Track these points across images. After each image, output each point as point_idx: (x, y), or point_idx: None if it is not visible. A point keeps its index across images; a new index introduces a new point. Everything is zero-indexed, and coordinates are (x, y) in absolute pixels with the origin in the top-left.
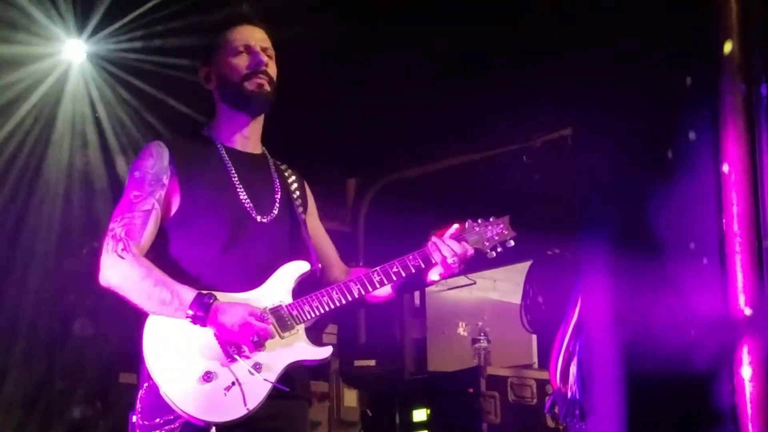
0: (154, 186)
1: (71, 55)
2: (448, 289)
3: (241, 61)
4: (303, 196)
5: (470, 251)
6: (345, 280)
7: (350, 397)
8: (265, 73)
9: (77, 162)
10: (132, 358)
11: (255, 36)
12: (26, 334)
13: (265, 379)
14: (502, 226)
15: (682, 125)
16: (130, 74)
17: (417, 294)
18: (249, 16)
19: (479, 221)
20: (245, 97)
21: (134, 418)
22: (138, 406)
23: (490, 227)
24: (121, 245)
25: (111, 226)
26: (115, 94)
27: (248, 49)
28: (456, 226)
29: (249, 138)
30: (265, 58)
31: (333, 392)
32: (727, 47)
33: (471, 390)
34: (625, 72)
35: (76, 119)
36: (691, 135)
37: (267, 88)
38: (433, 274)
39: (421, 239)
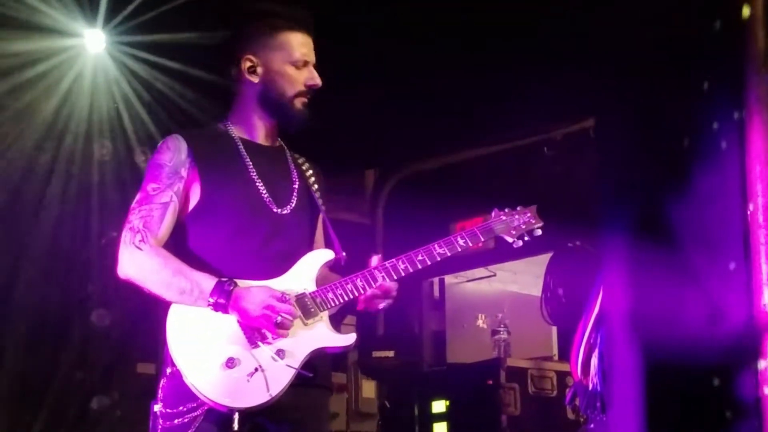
0: (172, 179)
1: (91, 45)
2: (468, 281)
3: (301, 76)
4: (322, 188)
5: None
6: (369, 267)
7: (368, 389)
8: (311, 94)
9: (97, 152)
10: (149, 348)
11: (311, 50)
12: (44, 325)
13: (288, 365)
14: (529, 215)
15: (705, 116)
16: (150, 63)
17: (436, 286)
18: (310, 25)
19: (506, 210)
20: (291, 113)
21: (156, 407)
22: (160, 394)
23: (517, 216)
24: (138, 236)
25: (129, 218)
26: (136, 84)
27: (307, 65)
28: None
29: (269, 134)
30: (320, 83)
31: (351, 383)
32: (745, 11)
33: (490, 382)
34: (648, 62)
35: (96, 109)
36: (715, 126)
37: (306, 107)
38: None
39: (440, 231)
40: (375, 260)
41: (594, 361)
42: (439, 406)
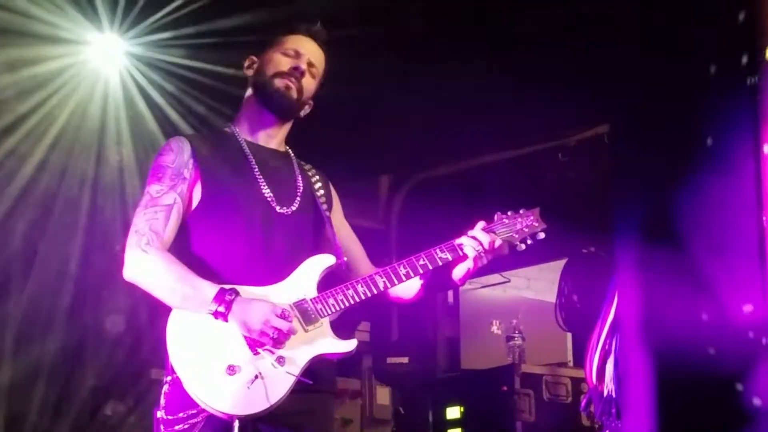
0: (175, 180)
1: (108, 51)
2: (482, 287)
3: (284, 61)
4: (327, 194)
5: (498, 242)
6: (371, 273)
7: (383, 395)
8: (297, 79)
9: (111, 158)
10: (163, 353)
11: (310, 49)
12: (59, 330)
13: (288, 372)
14: (532, 218)
15: (720, 121)
16: (166, 69)
17: (450, 292)
18: (320, 35)
19: (509, 213)
20: (268, 92)
21: (159, 414)
22: (162, 401)
23: (519, 219)
24: (145, 240)
25: (134, 221)
26: (152, 90)
27: (296, 54)
28: (483, 223)
29: (273, 136)
30: (304, 67)
31: (365, 390)
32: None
33: (505, 388)
34: (663, 68)
35: (111, 115)
36: (729, 131)
37: (292, 93)
38: (460, 270)
39: (454, 236)
40: None
41: (609, 367)
42: (453, 412)
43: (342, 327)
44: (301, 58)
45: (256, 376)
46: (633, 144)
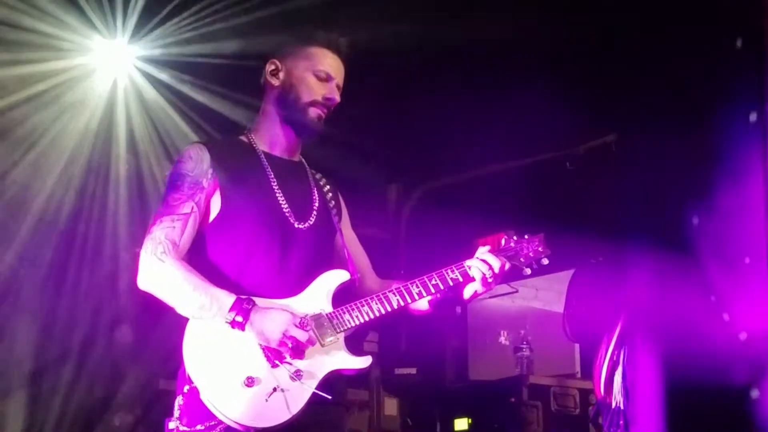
0: (193, 189)
1: (116, 58)
2: (490, 297)
3: (319, 87)
4: (337, 205)
5: (507, 266)
6: (384, 290)
7: (391, 406)
8: (330, 109)
9: (121, 167)
10: (172, 364)
11: (339, 72)
12: (67, 341)
13: (306, 386)
14: (537, 243)
15: (728, 130)
16: (176, 77)
17: None
18: (343, 49)
19: (515, 238)
20: (303, 120)
21: (172, 425)
22: (177, 412)
23: (525, 244)
24: (160, 248)
25: (150, 228)
26: (162, 98)
27: (330, 79)
28: (488, 246)
29: (290, 148)
30: (337, 99)
31: (373, 401)
32: None
33: (513, 399)
34: (671, 79)
35: (120, 124)
36: (738, 139)
37: (322, 122)
38: (469, 291)
39: (462, 246)
40: None
41: (617, 378)
42: (461, 423)
43: (352, 339)
44: (332, 83)
45: (275, 389)
46: (640, 153)
